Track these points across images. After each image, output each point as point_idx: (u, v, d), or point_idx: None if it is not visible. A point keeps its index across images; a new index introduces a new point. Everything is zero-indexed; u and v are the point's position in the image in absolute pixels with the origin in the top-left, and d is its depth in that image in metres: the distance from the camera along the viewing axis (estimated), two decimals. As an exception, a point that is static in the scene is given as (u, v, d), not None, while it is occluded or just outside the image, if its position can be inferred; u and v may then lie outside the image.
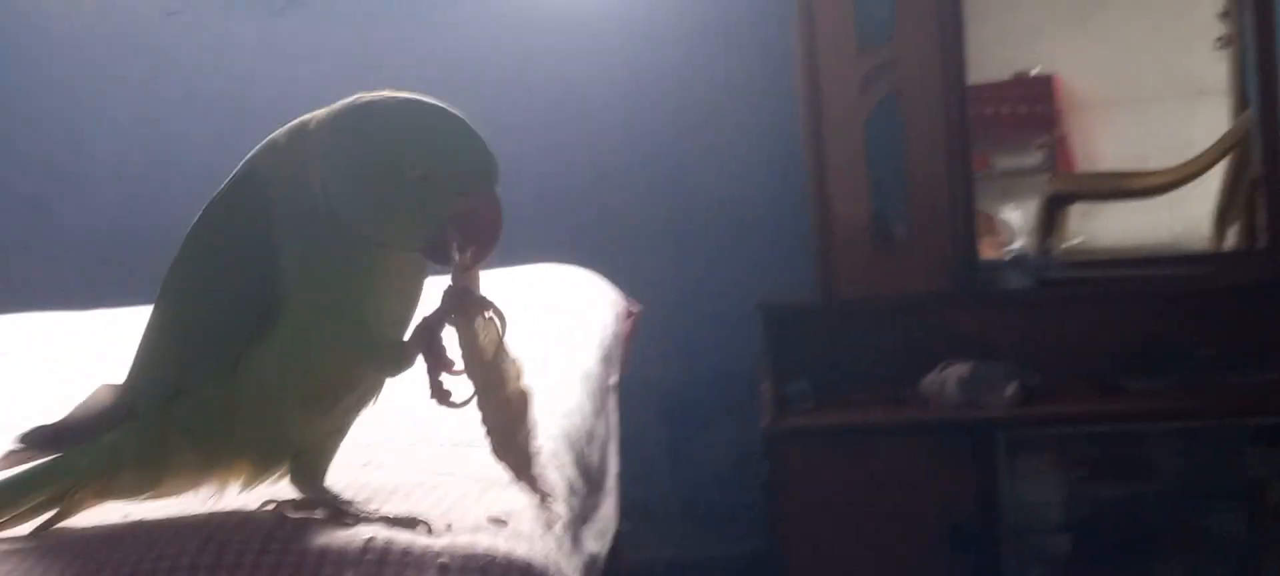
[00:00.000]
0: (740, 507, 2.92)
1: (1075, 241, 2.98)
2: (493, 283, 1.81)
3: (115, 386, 0.92)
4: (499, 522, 0.88)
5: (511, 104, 2.85)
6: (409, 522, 0.86)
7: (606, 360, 1.74)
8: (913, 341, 2.67)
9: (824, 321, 2.70)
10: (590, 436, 1.35)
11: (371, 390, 0.91)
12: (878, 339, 2.70)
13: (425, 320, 0.86)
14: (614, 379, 1.81)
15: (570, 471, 1.15)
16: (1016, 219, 3.05)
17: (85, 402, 0.92)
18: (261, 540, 0.82)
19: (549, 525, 0.89)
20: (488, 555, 0.83)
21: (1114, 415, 2.48)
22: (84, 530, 0.90)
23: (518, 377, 0.87)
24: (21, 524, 0.92)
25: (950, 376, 2.52)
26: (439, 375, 0.85)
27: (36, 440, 0.90)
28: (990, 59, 2.95)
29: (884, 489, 2.49)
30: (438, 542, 0.83)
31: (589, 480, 1.26)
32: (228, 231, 0.87)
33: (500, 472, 0.96)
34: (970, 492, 2.46)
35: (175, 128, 2.85)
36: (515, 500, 0.91)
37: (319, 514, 0.87)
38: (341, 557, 0.81)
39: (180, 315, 0.88)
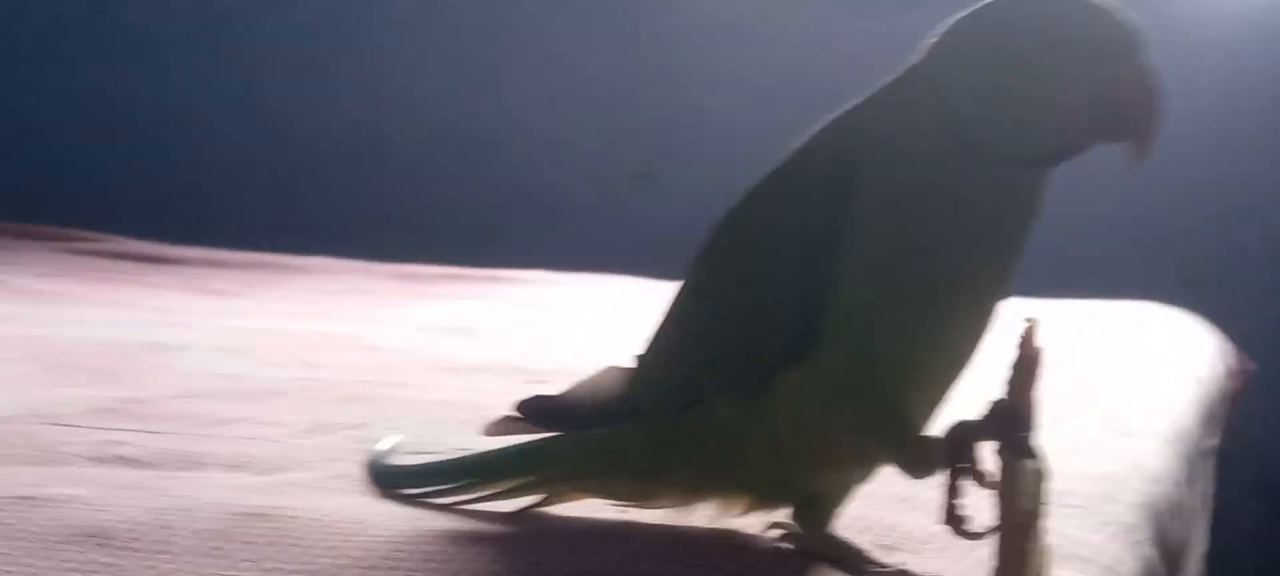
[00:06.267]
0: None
1: None
2: (1063, 321, 1.63)
3: (623, 371, 0.80)
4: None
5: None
6: (934, 587, 0.70)
7: (1207, 421, 1.50)
8: None
9: None
10: (1177, 508, 1.14)
11: None
12: None
13: (962, 424, 0.69)
14: (1212, 443, 1.56)
15: (1149, 550, 0.94)
16: None
17: (588, 382, 0.81)
18: (742, 568, 0.69)
19: None
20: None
21: None
22: (565, 519, 0.80)
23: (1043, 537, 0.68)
24: (500, 501, 0.82)
25: None
26: (959, 496, 0.69)
27: (532, 410, 0.80)
28: None
29: None
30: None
31: (1168, 559, 1.05)
32: (777, 215, 0.72)
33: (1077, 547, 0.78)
34: None
35: (777, 117, 2.80)
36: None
37: (828, 557, 0.73)
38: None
39: (705, 312, 0.75)
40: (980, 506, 0.69)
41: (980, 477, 0.68)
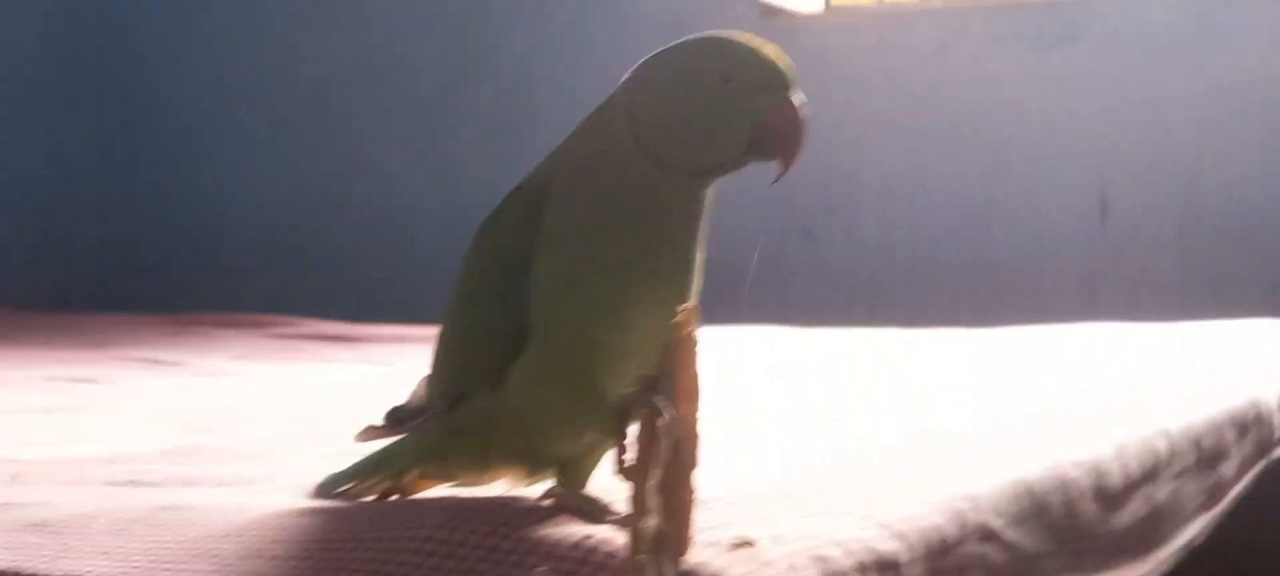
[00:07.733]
0: None
1: None
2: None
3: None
4: (744, 545, 0.80)
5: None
6: (644, 531, 0.82)
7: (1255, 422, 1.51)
8: None
9: None
10: (1153, 476, 1.24)
11: None
12: None
13: (623, 398, 0.84)
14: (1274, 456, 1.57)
15: (981, 517, 0.99)
16: None
17: (416, 390, 0.99)
18: (495, 523, 0.83)
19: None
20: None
21: None
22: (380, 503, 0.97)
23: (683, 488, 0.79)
24: (372, 494, 0.99)
25: None
26: (623, 451, 0.83)
27: (392, 418, 0.98)
28: None
29: None
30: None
31: (1069, 532, 1.09)
32: (496, 238, 0.90)
33: (782, 495, 0.89)
34: None
35: (935, 163, 2.88)
36: (785, 525, 0.83)
37: (574, 510, 0.86)
38: (549, 549, 0.79)
39: (455, 318, 0.93)
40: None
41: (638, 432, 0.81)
